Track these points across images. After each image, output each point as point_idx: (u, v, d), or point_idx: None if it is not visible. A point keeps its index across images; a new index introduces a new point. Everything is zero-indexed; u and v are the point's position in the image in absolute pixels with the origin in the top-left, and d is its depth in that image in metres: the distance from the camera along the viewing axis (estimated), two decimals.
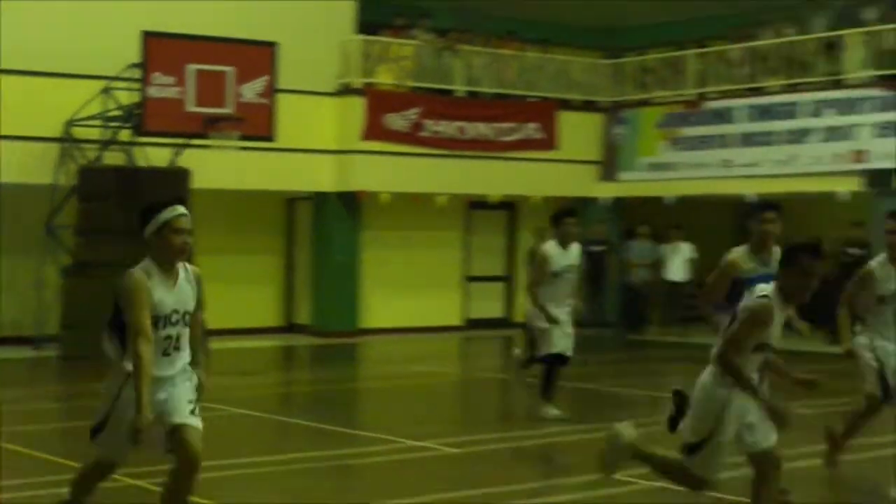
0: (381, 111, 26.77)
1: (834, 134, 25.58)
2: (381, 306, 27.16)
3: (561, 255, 14.62)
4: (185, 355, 7.81)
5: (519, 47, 29.85)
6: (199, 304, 7.97)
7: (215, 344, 21.58)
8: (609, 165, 29.60)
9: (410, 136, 27.13)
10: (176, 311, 7.67)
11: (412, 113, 27.19)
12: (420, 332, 27.07)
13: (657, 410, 16.41)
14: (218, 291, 23.33)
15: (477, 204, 28.91)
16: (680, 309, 27.72)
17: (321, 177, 26.35)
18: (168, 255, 7.68)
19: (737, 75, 28.24)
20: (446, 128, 27.59)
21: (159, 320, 7.59)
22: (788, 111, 26.40)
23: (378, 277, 27.13)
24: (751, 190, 26.89)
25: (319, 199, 26.90)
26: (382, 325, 26.97)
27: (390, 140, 26.83)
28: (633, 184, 28.93)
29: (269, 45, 25.01)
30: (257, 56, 24.96)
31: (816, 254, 8.10)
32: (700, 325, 28.13)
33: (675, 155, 28.29)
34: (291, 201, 27.86)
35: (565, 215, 14.89)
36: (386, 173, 26.59)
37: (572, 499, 10.82)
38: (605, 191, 29.40)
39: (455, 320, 28.81)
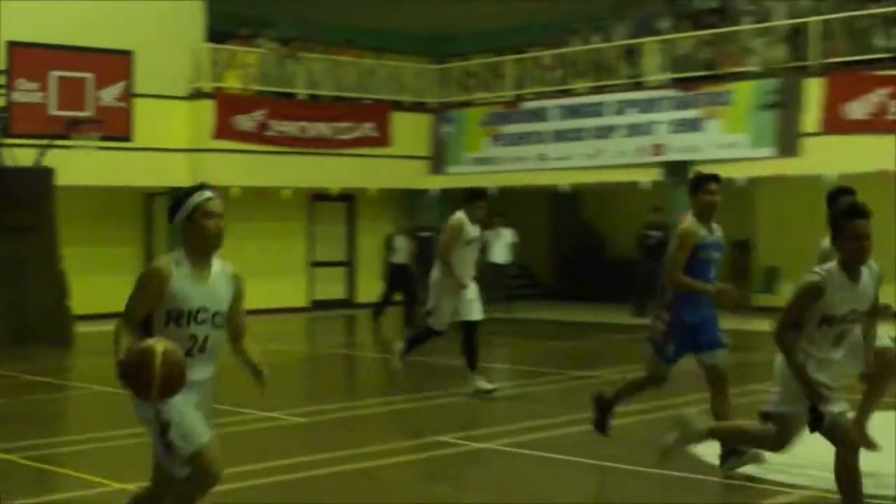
0: (230, 113, 26.55)
1: (636, 130, 25.95)
2: None
3: (470, 228, 14.23)
4: (210, 363, 6.62)
5: (355, 54, 29.81)
6: (238, 307, 6.78)
7: (81, 328, 21.37)
8: (438, 160, 29.69)
9: (257, 136, 26.94)
10: (204, 309, 6.45)
11: (258, 114, 27.00)
12: (269, 313, 26.84)
13: (484, 379, 16.45)
14: (83, 279, 23.24)
15: (319, 196, 28.87)
16: (504, 288, 27.92)
17: (176, 173, 25.98)
18: (202, 242, 6.49)
19: (550, 78, 28.53)
20: (290, 127, 27.44)
21: (182, 316, 6.41)
22: (595, 110, 26.71)
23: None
24: (564, 181, 27.26)
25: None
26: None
27: (239, 139, 26.61)
28: (460, 176, 29.00)
29: (126, 54, 24.74)
30: (115, 63, 24.66)
31: (861, 214, 7.44)
32: (523, 302, 28.57)
33: (496, 150, 28.46)
34: (149, 196, 27.45)
35: (477, 198, 14.41)
36: (236, 169, 26.37)
37: (407, 459, 10.86)
38: (435, 183, 29.49)
39: (301, 302, 28.73)
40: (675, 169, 25.34)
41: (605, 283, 29.25)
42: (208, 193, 6.53)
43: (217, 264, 6.60)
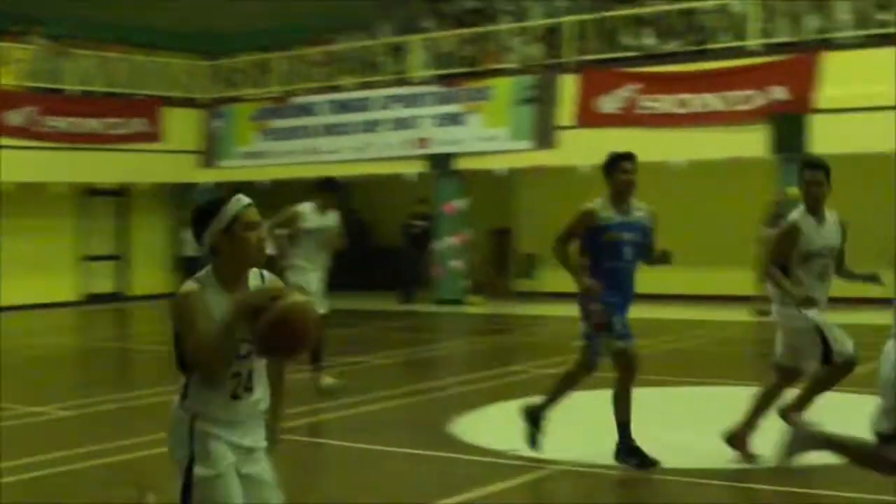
0: (1, 108, 25.61)
1: (401, 124, 25.97)
2: (5, 286, 25.93)
3: (316, 217, 13.42)
4: (257, 396, 5.16)
5: (127, 51, 29.11)
6: None
7: None
8: (209, 154, 29.20)
9: (28, 131, 26.02)
10: (246, 341, 5.00)
11: (29, 110, 26.09)
12: (41, 307, 26.06)
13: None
14: None
15: (91, 191, 28.11)
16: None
17: None
18: (242, 260, 5.07)
19: (318, 75, 28.33)
20: (61, 123, 26.61)
21: None
22: (362, 105, 26.64)
23: (1, 260, 25.97)
24: (334, 173, 26.89)
25: None
26: (6, 303, 25.78)
27: (10, 135, 25.64)
28: (231, 170, 28.63)
29: None
30: None
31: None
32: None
33: (266, 144, 28.16)
34: None
35: (324, 188, 13.65)
36: (7, 165, 25.39)
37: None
38: (206, 176, 28.98)
39: (73, 296, 27.85)
40: (439, 162, 25.45)
41: (372, 271, 29.20)
42: (246, 199, 5.12)
43: (253, 277, 5.17)
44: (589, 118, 23.62)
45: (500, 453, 9.57)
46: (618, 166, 9.07)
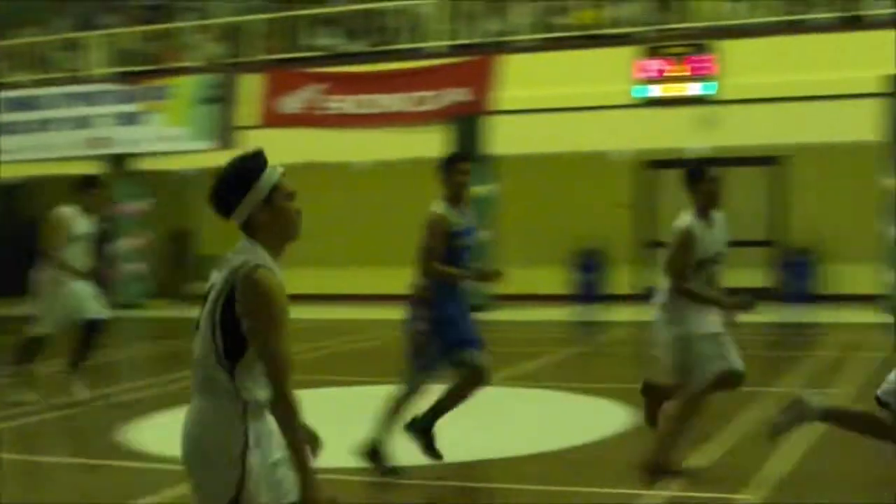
0: None
1: (78, 123, 25.37)
2: None
3: (80, 222, 12.41)
4: None
5: None
6: None
7: None
8: None
9: None
10: None
11: None
12: None
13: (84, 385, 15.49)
14: None
15: None
16: None
17: None
18: (285, 234, 4.60)
19: None
20: None
21: None
22: (37, 103, 25.86)
23: None
24: (7, 174, 26.12)
25: None
26: None
27: None
28: None
29: None
30: None
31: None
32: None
33: None
34: None
35: (90, 186, 12.68)
36: None
37: None
38: None
39: None
40: (118, 162, 25.03)
41: None
42: (280, 167, 4.65)
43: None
44: (272, 118, 23.64)
45: (170, 459, 9.45)
46: (455, 167, 8.87)
